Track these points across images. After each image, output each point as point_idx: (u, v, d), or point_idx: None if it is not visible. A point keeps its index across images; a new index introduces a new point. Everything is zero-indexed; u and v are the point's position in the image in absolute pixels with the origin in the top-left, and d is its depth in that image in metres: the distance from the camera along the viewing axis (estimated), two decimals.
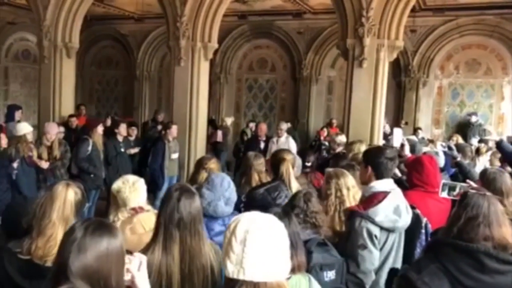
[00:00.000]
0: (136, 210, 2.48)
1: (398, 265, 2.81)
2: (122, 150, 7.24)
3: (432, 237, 2.89)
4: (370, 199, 2.75)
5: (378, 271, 2.74)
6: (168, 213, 2.20)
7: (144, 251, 2.24)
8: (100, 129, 6.86)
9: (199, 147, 7.98)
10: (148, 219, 2.41)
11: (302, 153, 4.55)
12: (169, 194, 2.25)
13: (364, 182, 2.90)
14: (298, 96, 13.34)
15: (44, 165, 6.45)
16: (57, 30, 8.60)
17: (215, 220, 2.72)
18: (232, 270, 1.33)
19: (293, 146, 7.68)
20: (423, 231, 2.81)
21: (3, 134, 6.04)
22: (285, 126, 8.00)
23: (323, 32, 12.51)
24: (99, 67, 16.00)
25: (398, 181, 4.04)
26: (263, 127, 8.16)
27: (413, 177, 3.72)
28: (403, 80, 12.04)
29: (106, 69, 15.89)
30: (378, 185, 2.77)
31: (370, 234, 2.63)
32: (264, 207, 2.79)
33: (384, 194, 2.72)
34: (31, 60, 14.32)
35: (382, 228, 2.66)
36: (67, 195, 2.01)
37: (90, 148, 6.72)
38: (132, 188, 2.57)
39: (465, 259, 1.69)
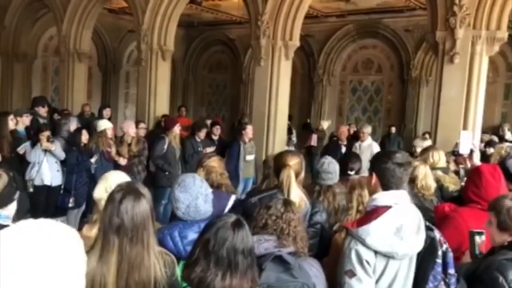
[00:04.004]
0: None
1: None
2: (200, 149, 7.27)
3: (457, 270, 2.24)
4: (369, 215, 2.22)
5: None
6: (108, 217, 1.98)
7: None
8: (176, 128, 6.98)
9: (278, 149, 7.67)
10: None
11: (344, 159, 3.99)
12: (110, 196, 2.04)
13: (371, 193, 2.37)
14: (406, 99, 12.32)
15: (122, 161, 6.73)
16: (153, 33, 9.03)
17: (190, 226, 2.42)
18: None
19: (377, 151, 7.00)
20: (438, 261, 2.17)
21: (85, 130, 6.43)
22: (369, 129, 7.33)
23: None
24: (210, 71, 16.61)
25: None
26: (344, 130, 7.62)
27: (469, 190, 3.01)
28: None
29: (216, 73, 16.43)
30: (382, 197, 2.22)
31: (360, 259, 2.10)
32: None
33: (386, 209, 2.17)
34: None
35: (377, 252, 2.11)
36: None
37: (166, 146, 6.85)
38: None
39: None
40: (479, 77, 5.77)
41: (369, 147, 7.05)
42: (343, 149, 7.33)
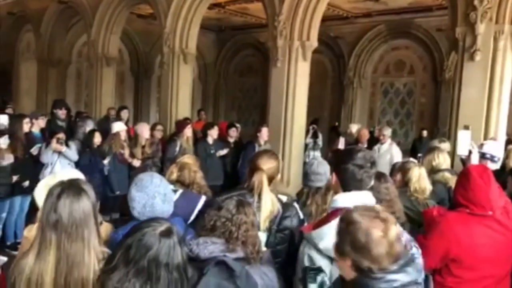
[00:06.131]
0: None
1: None
2: (212, 151, 7.20)
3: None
4: (327, 218, 2.05)
5: None
6: (45, 213, 1.93)
7: (21, 256, 2.00)
8: (188, 131, 6.95)
9: (295, 153, 7.50)
10: None
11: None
12: (49, 191, 1.98)
13: (335, 193, 2.19)
14: (439, 102, 11.78)
15: (136, 163, 6.78)
16: (175, 37, 9.06)
17: None
18: None
19: (397, 154, 6.70)
20: None
21: (98, 133, 6.50)
22: (388, 131, 7.03)
23: None
24: (241, 75, 16.57)
25: None
26: (364, 132, 7.35)
27: (457, 193, 2.75)
28: None
29: (247, 77, 16.36)
30: (342, 198, 2.04)
31: (313, 265, 1.93)
32: None
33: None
34: None
35: (332, 258, 1.93)
36: None
37: (177, 149, 6.84)
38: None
39: None
40: (503, 75, 5.38)
41: (388, 149, 6.76)
42: None
